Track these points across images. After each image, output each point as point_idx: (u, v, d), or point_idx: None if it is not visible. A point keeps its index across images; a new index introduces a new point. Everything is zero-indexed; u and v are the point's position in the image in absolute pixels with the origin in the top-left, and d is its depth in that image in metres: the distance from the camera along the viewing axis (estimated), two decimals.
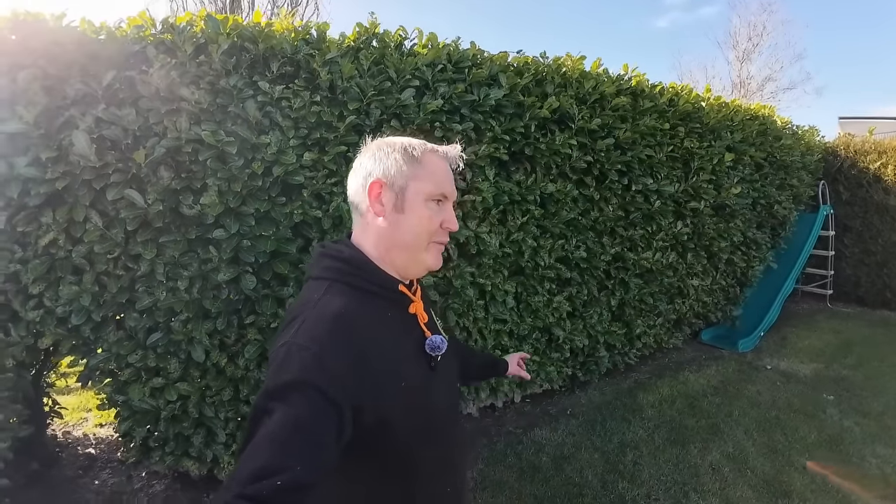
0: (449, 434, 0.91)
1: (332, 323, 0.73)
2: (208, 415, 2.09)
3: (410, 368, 0.82)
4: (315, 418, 0.65)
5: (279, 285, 2.16)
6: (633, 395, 3.23)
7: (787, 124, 4.69)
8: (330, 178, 2.19)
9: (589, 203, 2.96)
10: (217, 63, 1.93)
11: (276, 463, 0.61)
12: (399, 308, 0.85)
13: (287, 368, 0.68)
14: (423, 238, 0.84)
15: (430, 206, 0.83)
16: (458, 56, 2.42)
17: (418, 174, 0.82)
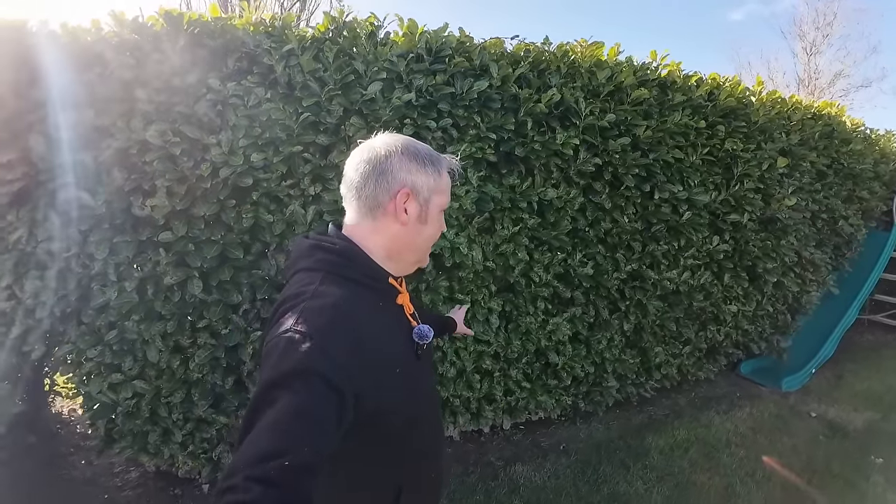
0: (432, 420, 0.97)
1: (332, 312, 0.75)
2: (162, 414, 2.07)
3: (402, 356, 0.86)
4: (319, 405, 0.66)
5: (230, 291, 2.03)
6: (641, 434, 2.79)
7: (858, 127, 4.00)
8: (285, 181, 1.99)
9: (600, 212, 2.55)
10: (175, 61, 1.83)
11: (282, 445, 0.61)
12: (388, 299, 0.89)
13: (290, 357, 0.69)
14: (429, 245, 0.92)
15: (441, 218, 0.91)
16: (438, 44, 2.09)
17: (441, 188, 0.88)
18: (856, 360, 4.23)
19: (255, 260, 2.09)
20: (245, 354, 2.11)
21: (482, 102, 2.17)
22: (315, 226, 2.03)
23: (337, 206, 2.03)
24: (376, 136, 0.90)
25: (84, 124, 1.81)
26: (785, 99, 3.31)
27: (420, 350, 0.90)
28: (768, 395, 3.44)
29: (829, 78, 15.75)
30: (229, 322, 2.07)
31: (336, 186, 2.03)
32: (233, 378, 2.13)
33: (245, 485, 0.57)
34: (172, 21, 1.89)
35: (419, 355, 0.90)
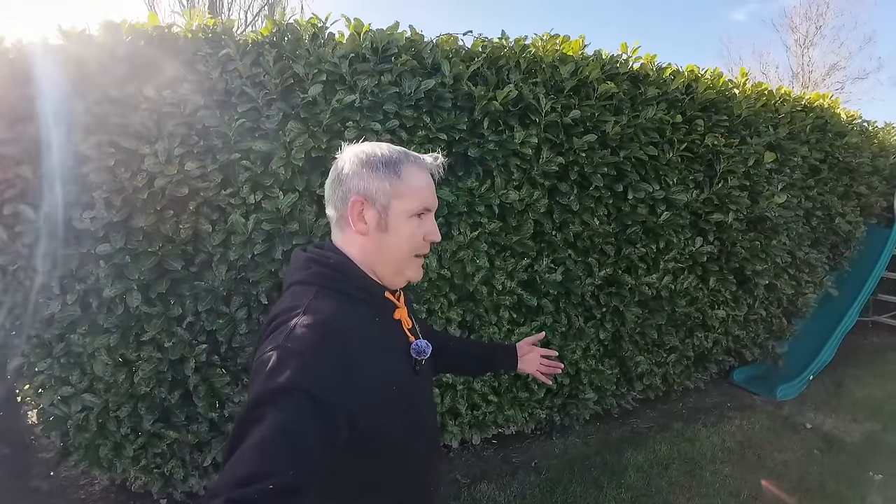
0: (430, 435, 0.94)
1: (323, 328, 0.73)
2: (111, 428, 2.04)
3: (398, 372, 0.83)
4: (306, 424, 0.64)
5: (172, 303, 1.97)
6: (619, 450, 2.62)
7: (854, 119, 3.80)
8: (224, 189, 1.89)
9: (568, 214, 2.39)
10: (113, 71, 1.81)
11: (266, 468, 0.59)
12: (384, 314, 0.87)
13: (278, 374, 0.67)
14: (408, 254, 0.84)
15: (413, 223, 0.83)
16: (384, 43, 1.97)
17: (401, 191, 0.82)
18: (858, 364, 4.02)
19: (198, 271, 2.00)
20: (189, 368, 2.01)
21: (433, 102, 2.04)
22: (255, 235, 1.92)
23: (278, 214, 1.91)
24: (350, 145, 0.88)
25: (27, 139, 1.80)
26: (772, 91, 3.15)
27: (418, 366, 0.87)
28: (761, 406, 3.24)
29: (823, 71, 15.25)
30: (173, 335, 2.00)
31: (276, 194, 1.93)
32: (179, 392, 2.05)
33: None
34: (112, 31, 1.86)
35: (417, 371, 0.87)
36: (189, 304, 1.98)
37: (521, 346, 1.24)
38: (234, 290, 2.01)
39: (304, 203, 1.94)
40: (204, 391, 2.07)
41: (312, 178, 1.93)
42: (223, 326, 2.02)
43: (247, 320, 2.03)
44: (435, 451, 0.99)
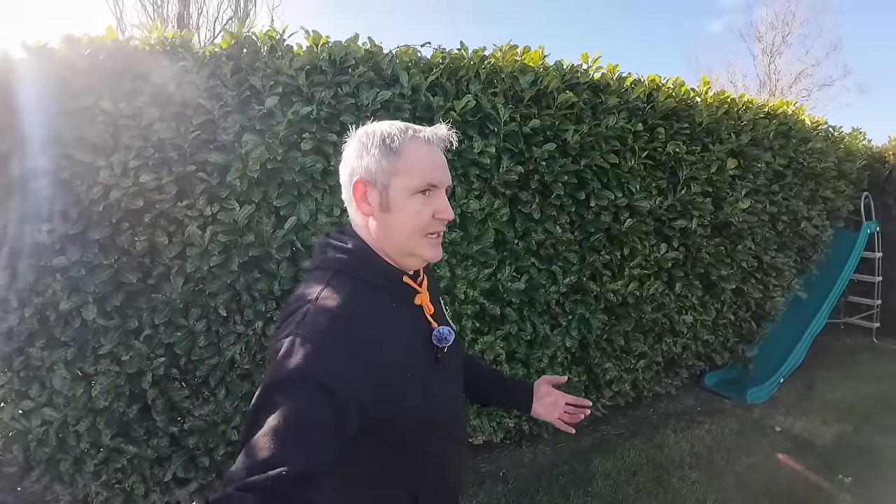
0: (453, 427, 0.91)
1: (335, 315, 0.73)
2: (70, 443, 2.01)
3: (416, 360, 0.81)
4: (318, 411, 0.65)
5: (129, 316, 1.96)
6: (588, 457, 2.62)
7: (818, 125, 3.89)
8: (180, 201, 1.89)
9: (530, 223, 2.41)
10: (72, 84, 1.80)
11: (280, 454, 0.60)
12: (405, 299, 0.84)
13: (289, 362, 0.67)
14: (415, 234, 0.81)
15: (417, 200, 0.79)
16: (341, 55, 1.99)
17: (399, 168, 0.79)
18: (829, 366, 4.08)
19: (155, 284, 1.99)
20: (146, 382, 1.99)
21: (390, 113, 2.06)
22: (211, 247, 1.91)
23: (234, 226, 1.91)
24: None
25: None
26: (734, 99, 3.21)
27: (440, 353, 0.84)
28: (731, 410, 3.28)
29: (790, 79, 15.51)
30: (130, 348, 1.98)
31: (232, 206, 1.92)
32: (137, 406, 2.03)
33: (240, 494, 0.57)
34: (72, 45, 1.85)
35: (439, 358, 0.84)
36: (146, 317, 1.96)
37: (540, 385, 1.13)
38: (191, 303, 2.00)
39: (261, 214, 1.94)
40: (162, 405, 2.05)
41: (269, 189, 1.93)
42: (181, 339, 2.00)
43: (205, 333, 2.01)
44: (458, 444, 0.94)
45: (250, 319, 1.98)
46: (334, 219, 2.00)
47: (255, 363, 2.04)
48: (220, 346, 2.02)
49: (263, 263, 1.95)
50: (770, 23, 15.63)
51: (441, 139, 0.84)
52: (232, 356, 2.01)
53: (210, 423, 2.07)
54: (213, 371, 2.03)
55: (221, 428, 2.07)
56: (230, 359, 2.01)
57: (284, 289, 1.95)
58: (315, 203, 1.99)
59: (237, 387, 2.05)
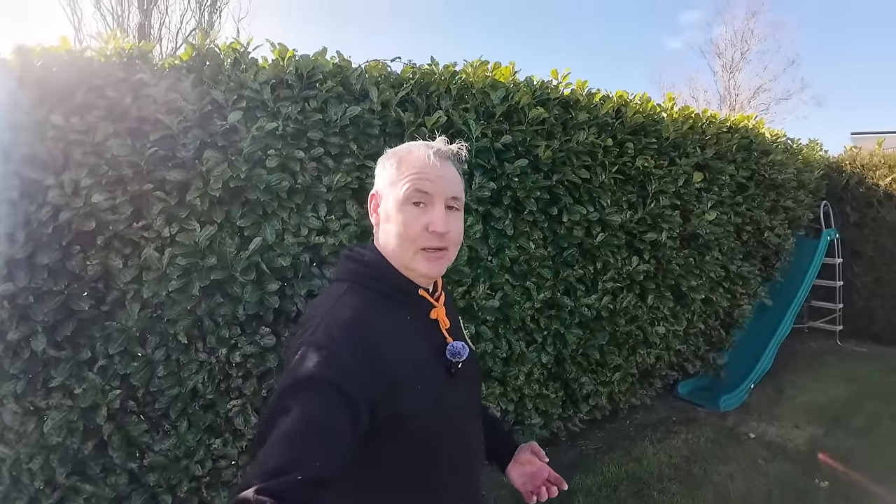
0: (468, 446, 0.90)
1: (348, 323, 0.76)
2: (25, 481, 1.86)
3: (427, 372, 0.82)
4: (331, 414, 0.66)
5: (81, 346, 1.82)
6: (568, 474, 2.56)
7: (777, 138, 4.05)
8: (136, 222, 1.79)
9: (504, 239, 2.39)
10: (22, 98, 1.70)
11: (294, 459, 0.62)
12: (419, 312, 0.86)
13: (303, 366, 0.70)
14: (406, 245, 0.82)
15: (407, 211, 0.82)
16: (308, 69, 1.94)
17: (394, 180, 0.83)
18: (797, 370, 4.19)
19: (109, 310, 1.86)
20: (101, 416, 1.85)
21: (360, 128, 2.01)
22: (170, 271, 1.81)
23: (195, 248, 1.81)
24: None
25: None
26: (698, 114, 3.29)
27: (453, 368, 0.85)
28: (705, 418, 3.31)
29: (749, 93, 16.19)
30: (83, 380, 1.84)
31: (193, 226, 1.83)
32: (93, 442, 1.88)
33: (256, 498, 0.58)
34: (24, 56, 1.74)
35: (453, 374, 0.85)
36: (100, 347, 1.83)
37: (524, 450, 1.07)
38: (149, 330, 1.88)
39: (224, 235, 1.85)
40: (119, 440, 1.91)
41: (232, 209, 1.85)
42: (138, 370, 1.87)
43: (164, 362, 1.89)
44: (473, 462, 0.93)
45: (213, 347, 1.88)
46: (301, 239, 1.92)
47: (220, 393, 1.93)
48: (180, 376, 1.90)
49: (227, 287, 1.85)
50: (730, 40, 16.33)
51: (443, 152, 0.85)
52: (194, 386, 1.89)
53: (172, 459, 1.94)
54: (174, 402, 1.91)
55: (184, 463, 1.95)
56: (192, 389, 1.90)
57: (249, 314, 1.86)
58: (281, 223, 1.91)
59: (200, 419, 1.93)
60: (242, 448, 1.97)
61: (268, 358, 1.90)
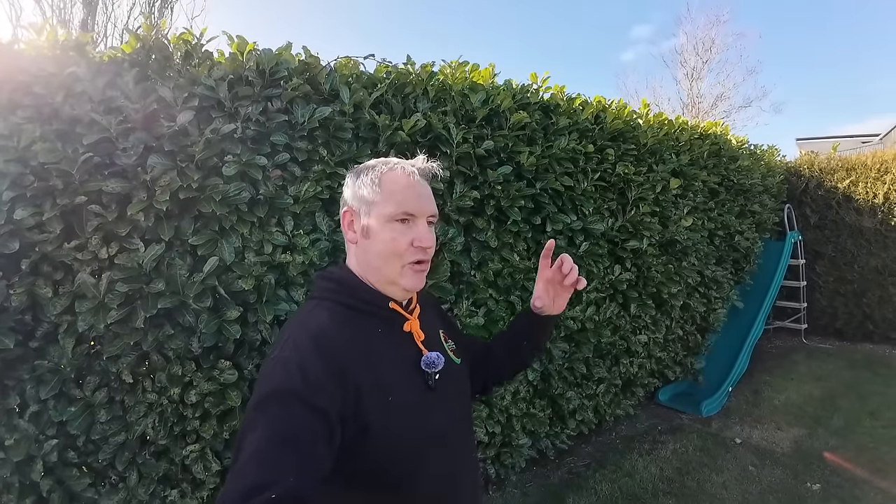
0: (452, 460, 0.88)
1: (315, 335, 0.76)
2: None
3: (403, 384, 0.80)
4: (300, 427, 0.65)
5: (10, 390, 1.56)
6: (560, 496, 2.45)
7: (743, 144, 4.11)
8: (67, 242, 1.55)
9: (487, 251, 2.24)
10: None
11: (267, 478, 0.60)
12: (392, 326, 0.86)
13: (270, 381, 0.70)
14: (392, 261, 0.83)
15: (394, 228, 0.83)
16: (272, 65, 1.73)
17: (377, 198, 0.83)
18: (769, 370, 4.25)
19: (40, 347, 1.59)
20: (36, 472, 1.57)
21: (330, 132, 1.81)
22: (109, 299, 1.54)
23: (139, 271, 1.56)
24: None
25: None
26: (671, 120, 3.28)
27: (430, 380, 0.83)
28: (689, 425, 3.27)
29: (711, 101, 16.64)
30: (14, 429, 1.55)
31: (135, 246, 1.58)
32: (31, 500, 1.59)
33: None
34: None
35: (431, 386, 0.83)
36: (30, 391, 1.56)
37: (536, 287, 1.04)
38: (86, 369, 1.61)
39: (174, 255, 1.60)
40: (60, 498, 1.61)
41: (183, 224, 1.61)
42: (77, 415, 1.60)
43: (107, 405, 1.62)
44: (463, 474, 0.90)
45: (164, 385, 1.62)
46: (265, 258, 1.70)
47: (173, 437, 1.67)
48: (126, 420, 1.63)
49: (178, 316, 1.60)
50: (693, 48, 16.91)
51: (423, 171, 0.87)
52: (143, 431, 1.63)
53: None
54: (120, 451, 1.64)
55: None
56: (141, 435, 1.64)
57: (205, 346, 1.61)
58: (241, 239, 1.68)
59: (152, 468, 1.67)
60: (203, 499, 1.71)
61: (228, 395, 1.66)
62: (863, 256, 4.72)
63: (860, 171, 4.72)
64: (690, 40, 16.88)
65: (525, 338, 1.06)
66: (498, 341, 1.11)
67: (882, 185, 4.59)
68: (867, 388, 3.80)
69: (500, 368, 1.11)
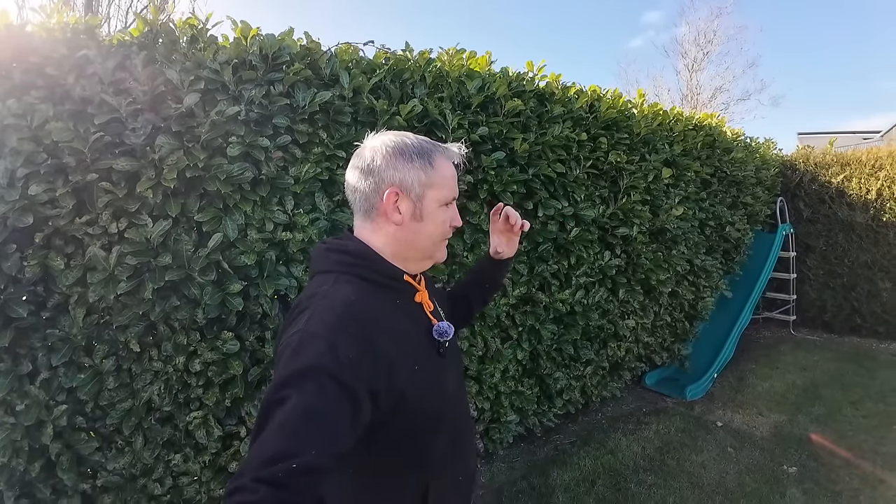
0: (459, 421, 0.95)
1: (343, 311, 0.76)
2: None
3: (421, 354, 0.85)
4: (328, 404, 0.67)
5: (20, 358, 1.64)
6: (545, 471, 2.57)
7: (738, 136, 4.17)
8: (79, 217, 1.63)
9: (479, 234, 2.33)
10: None
11: (290, 448, 0.63)
12: (405, 297, 0.89)
13: (300, 356, 0.70)
14: (439, 241, 0.90)
15: (445, 212, 0.88)
16: (274, 50, 1.79)
17: (434, 182, 0.86)
18: (755, 359, 4.35)
19: (52, 317, 1.67)
20: (47, 435, 1.66)
21: (330, 116, 1.89)
22: (119, 271, 1.63)
23: (147, 245, 1.64)
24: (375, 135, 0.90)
25: None
26: (666, 111, 3.33)
27: (442, 348, 0.89)
28: (674, 408, 3.38)
29: (710, 93, 16.65)
30: (26, 395, 1.64)
31: (144, 221, 1.66)
32: (40, 463, 1.69)
33: (253, 486, 0.59)
34: None
35: (441, 353, 0.89)
36: (42, 358, 1.65)
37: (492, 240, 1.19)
38: (96, 338, 1.70)
39: (180, 231, 1.69)
40: (69, 460, 1.71)
41: (189, 201, 1.69)
42: (86, 382, 1.69)
43: (115, 373, 1.72)
44: (466, 436, 0.99)
45: (169, 354, 1.71)
46: (266, 235, 1.79)
47: (177, 404, 1.77)
48: (133, 388, 1.73)
49: (183, 288, 1.69)
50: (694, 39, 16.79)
51: (461, 157, 0.92)
52: (149, 398, 1.73)
53: (127, 478, 1.77)
54: (127, 417, 1.74)
55: (142, 482, 1.78)
56: (147, 401, 1.73)
57: (209, 317, 1.70)
58: (244, 217, 1.76)
59: (157, 433, 1.77)
60: (205, 463, 1.82)
61: (231, 365, 1.76)
62: (853, 251, 4.79)
63: (854, 166, 4.78)
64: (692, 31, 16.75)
65: (488, 280, 1.24)
66: (463, 286, 1.27)
67: (875, 181, 4.65)
68: (851, 379, 3.89)
69: (469, 310, 1.25)
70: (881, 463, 2.65)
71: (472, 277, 1.27)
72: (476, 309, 1.28)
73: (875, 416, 3.25)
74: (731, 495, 2.40)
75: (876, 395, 3.57)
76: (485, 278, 1.25)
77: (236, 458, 1.87)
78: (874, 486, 2.46)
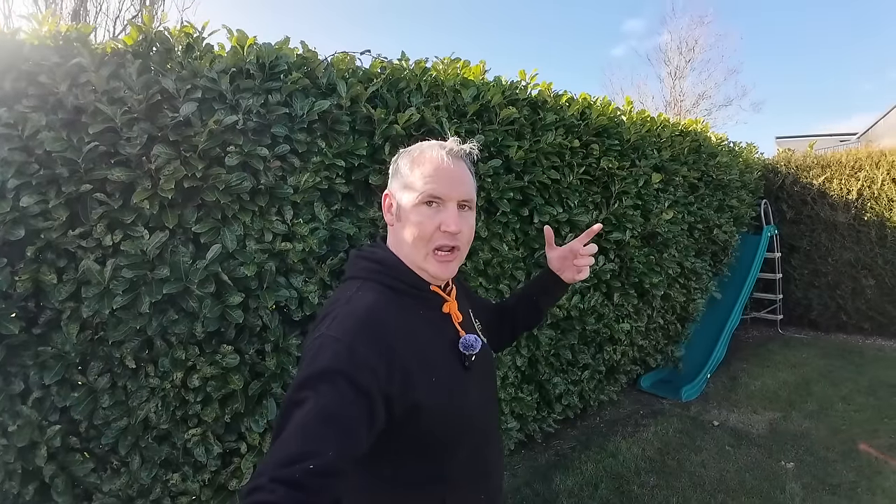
0: (483, 438, 0.91)
1: (364, 316, 0.77)
2: None
3: (442, 365, 0.83)
4: (345, 406, 0.68)
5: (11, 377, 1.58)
6: (548, 477, 2.56)
7: (722, 141, 4.27)
8: (72, 229, 1.58)
9: (477, 241, 2.33)
10: None
11: (308, 449, 0.63)
12: (432, 307, 0.88)
13: (319, 359, 0.71)
14: (418, 245, 0.84)
15: (422, 211, 0.83)
16: (271, 59, 1.78)
17: (409, 181, 0.85)
18: (746, 358, 4.42)
19: (44, 333, 1.62)
20: (40, 457, 1.60)
21: (328, 125, 1.88)
22: (114, 285, 1.59)
23: (143, 258, 1.61)
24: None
25: None
26: (654, 118, 3.40)
27: (467, 361, 0.87)
28: (670, 409, 3.41)
29: (693, 99, 17.10)
30: (17, 416, 1.59)
31: (140, 233, 1.62)
32: (34, 486, 1.63)
33: (271, 486, 0.60)
34: None
35: (467, 366, 0.87)
36: (34, 376, 1.59)
37: (551, 260, 1.17)
38: (90, 355, 1.65)
39: (177, 243, 1.65)
40: (63, 483, 1.65)
41: (186, 212, 1.66)
42: (80, 401, 1.64)
43: (110, 390, 1.67)
44: (490, 453, 0.94)
45: (167, 370, 1.67)
46: (265, 245, 1.76)
47: (175, 422, 1.73)
48: (129, 405, 1.68)
49: (181, 302, 1.66)
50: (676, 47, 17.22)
51: (457, 152, 0.86)
52: (145, 416, 1.68)
53: (124, 500, 1.71)
54: (123, 436, 1.68)
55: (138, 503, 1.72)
56: (143, 419, 1.68)
57: (208, 331, 1.67)
58: (243, 228, 1.74)
59: (154, 452, 1.71)
60: (204, 482, 1.77)
61: (230, 379, 1.72)
62: (836, 250, 4.92)
63: (835, 168, 4.92)
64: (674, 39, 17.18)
65: (544, 291, 1.18)
66: (514, 299, 1.20)
67: (856, 181, 4.79)
68: (840, 374, 3.98)
69: (514, 324, 1.19)
70: (875, 455, 2.70)
71: (527, 289, 1.21)
72: (521, 323, 1.20)
73: (866, 409, 3.32)
74: (733, 493, 2.42)
75: (865, 389, 3.65)
76: (535, 290, 1.18)
77: (237, 475, 1.83)
78: (870, 477, 2.50)
